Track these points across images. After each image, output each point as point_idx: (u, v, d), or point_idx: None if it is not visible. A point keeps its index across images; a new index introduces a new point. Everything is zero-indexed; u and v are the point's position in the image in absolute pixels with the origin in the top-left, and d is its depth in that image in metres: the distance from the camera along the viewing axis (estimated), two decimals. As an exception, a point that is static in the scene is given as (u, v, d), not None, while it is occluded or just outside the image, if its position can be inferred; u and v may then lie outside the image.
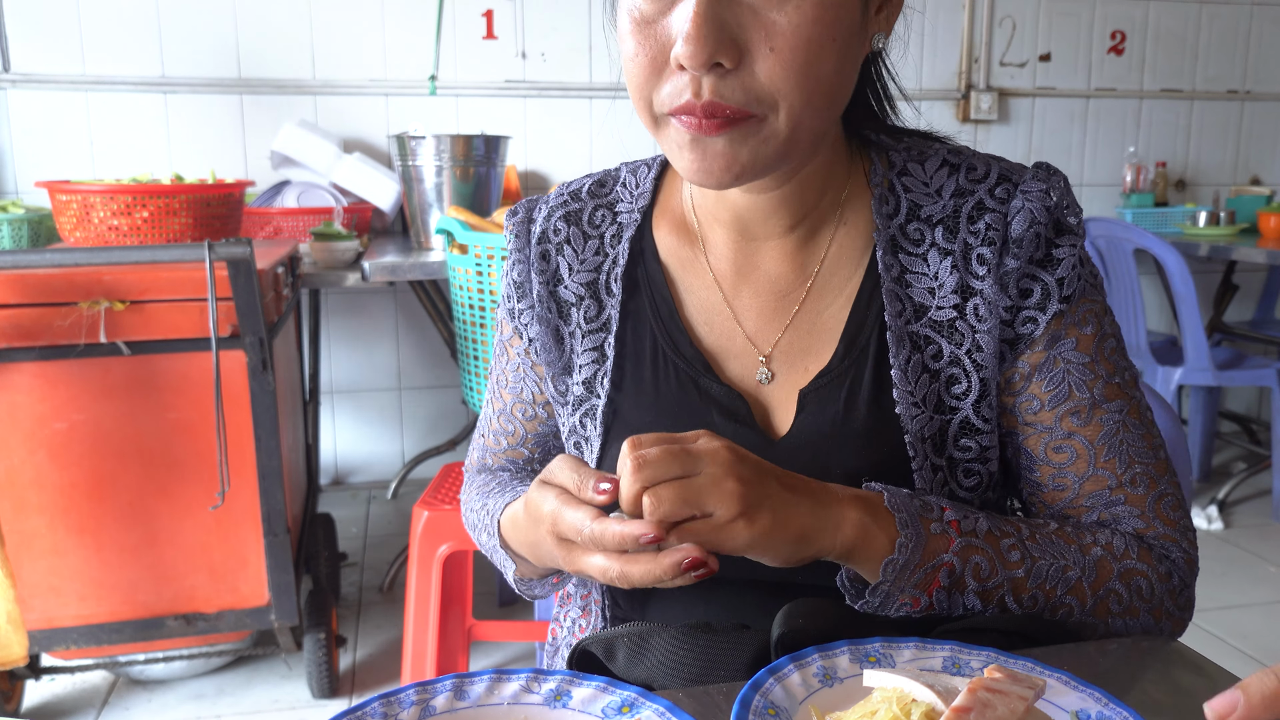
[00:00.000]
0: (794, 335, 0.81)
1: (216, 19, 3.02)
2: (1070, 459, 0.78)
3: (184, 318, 1.79)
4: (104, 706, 2.10)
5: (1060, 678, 0.60)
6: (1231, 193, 3.73)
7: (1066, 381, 0.77)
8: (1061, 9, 3.64)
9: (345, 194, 2.91)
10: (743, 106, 0.66)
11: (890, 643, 0.64)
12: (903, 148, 0.82)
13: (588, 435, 0.85)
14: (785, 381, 0.81)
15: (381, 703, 0.58)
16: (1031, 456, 0.79)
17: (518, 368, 0.91)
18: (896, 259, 0.79)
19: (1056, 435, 0.78)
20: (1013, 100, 3.65)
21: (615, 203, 0.88)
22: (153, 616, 1.90)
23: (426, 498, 1.90)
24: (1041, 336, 0.76)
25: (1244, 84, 3.84)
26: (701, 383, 0.81)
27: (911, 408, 0.77)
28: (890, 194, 0.81)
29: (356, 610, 2.53)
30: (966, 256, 0.78)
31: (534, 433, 0.94)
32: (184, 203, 2.08)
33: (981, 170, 0.79)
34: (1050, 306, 0.76)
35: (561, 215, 0.87)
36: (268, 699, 2.13)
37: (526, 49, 3.24)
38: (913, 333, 0.78)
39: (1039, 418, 0.78)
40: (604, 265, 0.86)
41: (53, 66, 2.95)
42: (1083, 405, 0.77)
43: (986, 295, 0.76)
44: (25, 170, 2.98)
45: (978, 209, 0.78)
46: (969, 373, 0.77)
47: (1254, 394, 4.11)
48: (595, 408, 0.84)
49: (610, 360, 0.84)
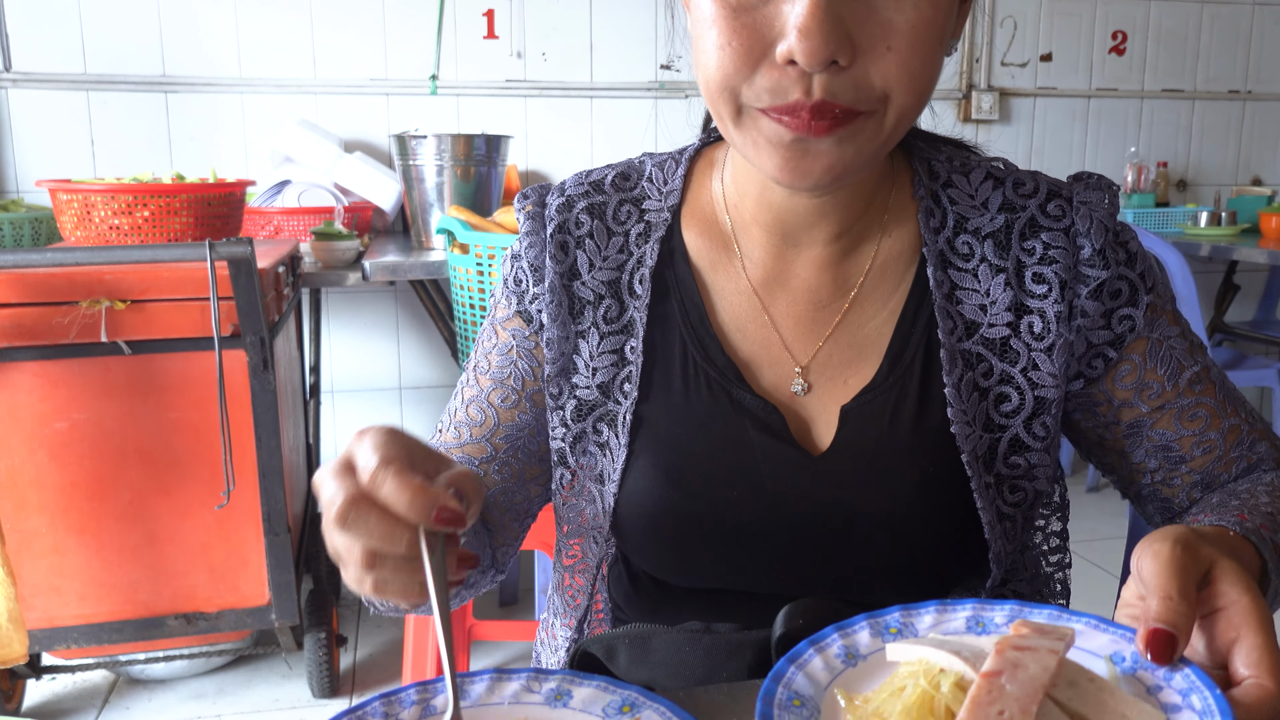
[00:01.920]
0: (834, 348, 0.79)
1: (217, 18, 3.01)
2: (1206, 421, 0.80)
3: (184, 317, 1.79)
4: (104, 706, 2.10)
5: (1088, 621, 0.58)
6: (1233, 193, 3.72)
7: (1175, 357, 0.80)
8: (1062, 9, 3.63)
9: (346, 193, 2.91)
10: (853, 105, 0.62)
11: (910, 610, 0.61)
12: (944, 158, 0.81)
13: (604, 441, 0.81)
14: (824, 395, 0.78)
15: (382, 702, 0.58)
16: (1167, 435, 0.80)
17: (509, 350, 0.84)
18: (946, 275, 0.78)
19: (1186, 405, 0.80)
20: (1014, 100, 3.65)
21: (642, 199, 0.83)
22: (153, 616, 1.90)
23: (427, 497, 1.90)
24: (1143, 327, 0.78)
25: (1245, 84, 3.84)
26: (735, 393, 0.78)
27: (965, 426, 0.76)
28: (936, 206, 0.79)
29: (357, 610, 2.53)
30: (1020, 275, 0.77)
31: (509, 423, 0.85)
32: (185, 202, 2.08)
33: (1030, 185, 0.79)
34: (1142, 299, 0.78)
35: (585, 208, 0.82)
36: (268, 698, 2.13)
37: (527, 49, 3.23)
38: (964, 350, 0.77)
39: (1165, 397, 0.80)
40: (628, 264, 0.81)
41: (54, 65, 2.95)
42: (1196, 372, 0.80)
43: (1047, 315, 0.77)
44: (26, 169, 2.98)
45: (1030, 226, 0.78)
46: (1022, 390, 0.77)
47: (1254, 395, 4.11)
48: (615, 414, 0.80)
49: (636, 366, 0.80)
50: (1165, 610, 0.52)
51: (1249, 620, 0.53)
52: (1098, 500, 3.36)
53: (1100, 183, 0.79)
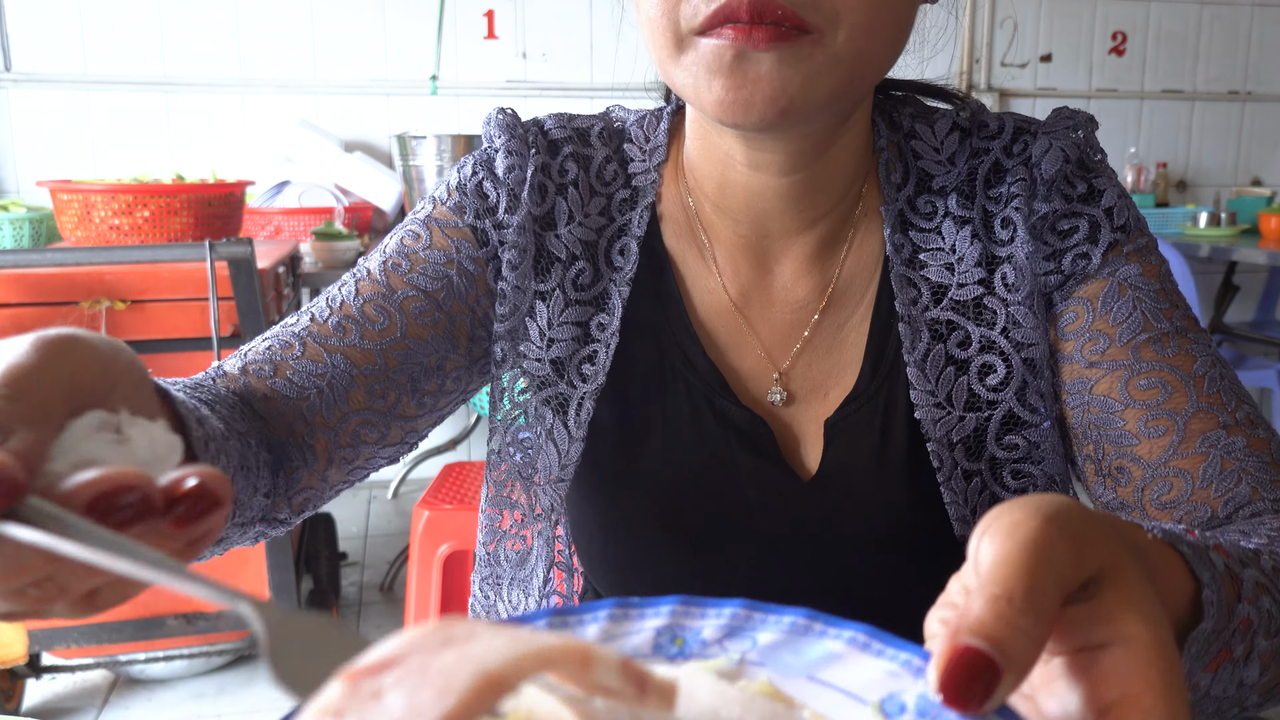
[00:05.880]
0: (811, 355, 0.69)
1: (218, 18, 3.02)
2: (1164, 394, 0.61)
3: (185, 317, 1.79)
4: (104, 705, 2.10)
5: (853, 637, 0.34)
6: (1232, 194, 3.72)
7: (1139, 310, 0.63)
8: (1062, 10, 3.63)
9: (346, 193, 2.91)
10: (798, 13, 0.53)
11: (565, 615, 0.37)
12: (909, 112, 0.72)
13: (550, 428, 0.70)
14: (804, 409, 0.69)
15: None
16: (1109, 403, 0.63)
17: (447, 262, 0.69)
18: (907, 237, 0.68)
19: (1139, 369, 0.62)
20: (1014, 101, 3.65)
21: (628, 161, 0.73)
22: (153, 615, 1.91)
23: (427, 497, 1.90)
24: (1099, 267, 0.65)
25: (1245, 85, 3.84)
26: (717, 403, 0.68)
27: (934, 409, 0.66)
28: (898, 161, 0.70)
29: (357, 609, 2.53)
30: (988, 224, 0.68)
31: (415, 339, 0.67)
32: (185, 202, 2.08)
33: (994, 126, 0.69)
34: (1102, 236, 0.65)
35: (571, 154, 0.71)
36: (268, 698, 2.13)
37: (527, 49, 3.24)
38: (931, 320, 0.67)
39: (1109, 355, 0.63)
40: (606, 230, 0.71)
41: (54, 66, 2.95)
42: (1164, 333, 0.63)
43: (1017, 259, 0.66)
44: (26, 169, 2.98)
45: (995, 172, 0.68)
46: (1007, 356, 0.66)
47: (1254, 395, 4.11)
48: (567, 400, 0.69)
49: (605, 346, 0.69)
50: (992, 617, 0.29)
51: (1145, 671, 0.30)
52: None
53: (1075, 116, 0.68)
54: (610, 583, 0.73)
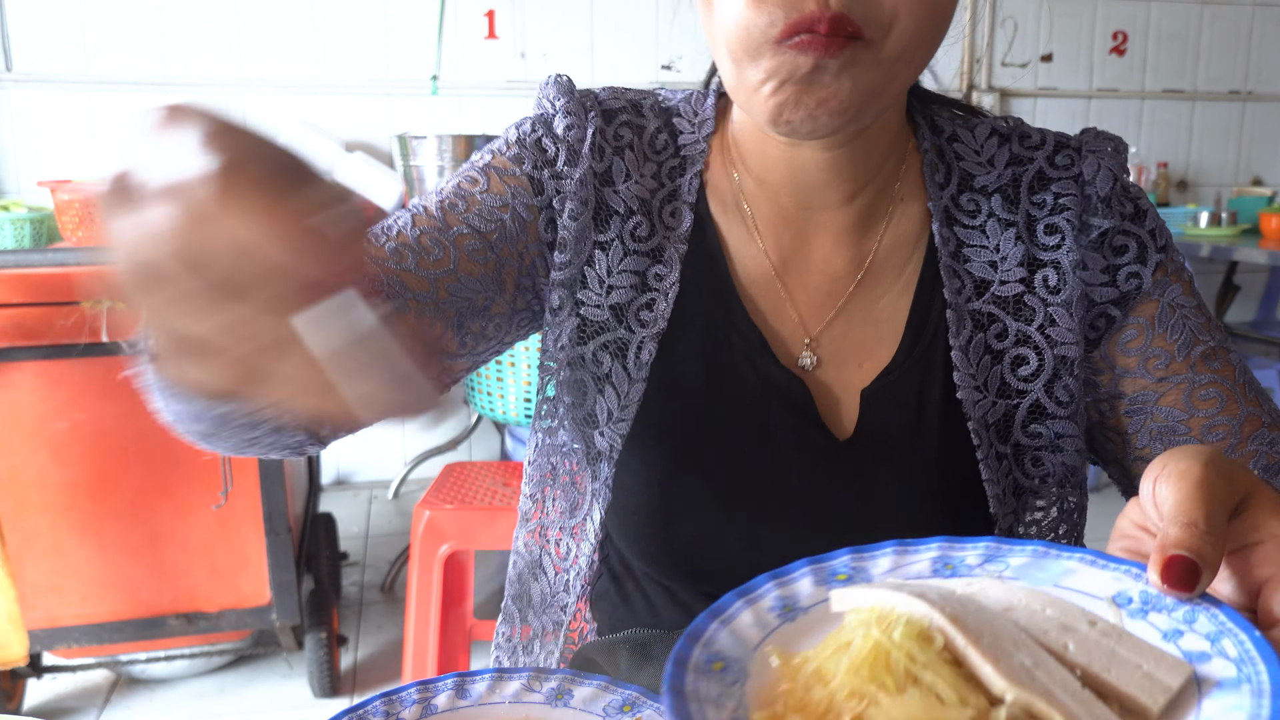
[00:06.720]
0: (845, 325, 0.74)
1: (218, 18, 3.02)
2: (1220, 404, 0.72)
3: (186, 317, 1.79)
4: (105, 705, 2.10)
5: (1082, 557, 0.46)
6: (1233, 193, 3.72)
7: (1188, 327, 0.72)
8: (1063, 10, 3.63)
9: (347, 194, 2.91)
10: (862, 27, 0.58)
11: (862, 553, 0.49)
12: (948, 116, 0.78)
13: (608, 372, 0.73)
14: (834, 375, 0.73)
15: (383, 701, 0.58)
16: (1174, 413, 0.72)
17: (503, 206, 0.72)
18: (953, 232, 0.73)
19: (1198, 382, 0.72)
20: (1014, 101, 3.65)
21: (677, 133, 0.77)
22: (154, 615, 1.91)
23: (428, 497, 1.90)
24: (1151, 288, 0.72)
25: (1246, 84, 3.84)
26: (758, 362, 0.72)
27: (974, 392, 0.71)
28: (940, 161, 0.75)
29: (358, 609, 2.53)
30: (1032, 229, 0.73)
31: (467, 275, 0.70)
32: (186, 202, 2.08)
33: (1036, 138, 0.75)
34: (1150, 257, 0.72)
35: (625, 122, 0.76)
36: (269, 698, 2.13)
37: (528, 49, 3.24)
38: (974, 310, 0.72)
39: (1174, 369, 0.72)
40: (659, 193, 0.75)
41: (55, 66, 2.95)
42: (1211, 348, 0.72)
43: (1062, 265, 0.72)
44: (27, 169, 2.98)
45: (1039, 179, 0.74)
46: (1040, 350, 0.72)
47: (1255, 395, 4.10)
48: (626, 344, 0.73)
49: (666, 295, 0.73)
50: (1188, 537, 0.42)
51: None
52: (1099, 501, 3.36)
53: (1110, 136, 0.75)
54: (642, 534, 0.74)
